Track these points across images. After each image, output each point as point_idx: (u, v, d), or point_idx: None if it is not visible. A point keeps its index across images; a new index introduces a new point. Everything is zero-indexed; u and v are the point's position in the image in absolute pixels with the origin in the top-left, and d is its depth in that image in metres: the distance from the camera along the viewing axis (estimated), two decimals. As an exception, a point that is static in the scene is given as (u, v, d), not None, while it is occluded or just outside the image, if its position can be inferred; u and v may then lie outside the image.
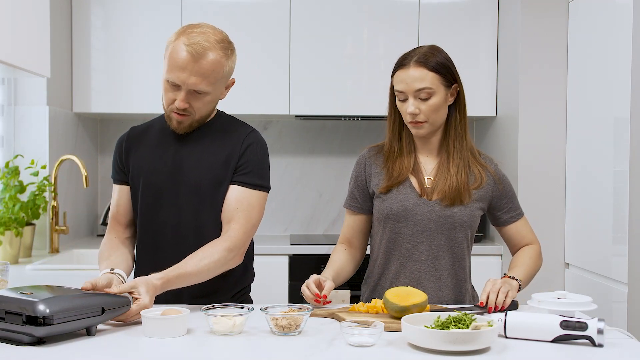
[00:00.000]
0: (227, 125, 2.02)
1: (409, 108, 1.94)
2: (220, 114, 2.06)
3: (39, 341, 1.48)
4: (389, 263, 2.02)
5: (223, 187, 1.93)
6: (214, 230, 1.93)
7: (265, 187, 1.96)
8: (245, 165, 1.93)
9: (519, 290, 1.91)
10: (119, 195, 2.05)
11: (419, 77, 1.92)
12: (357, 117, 3.52)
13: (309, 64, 3.44)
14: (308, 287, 1.87)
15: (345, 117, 3.52)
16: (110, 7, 3.40)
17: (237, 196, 1.91)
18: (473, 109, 3.46)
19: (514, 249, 2.12)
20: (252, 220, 1.92)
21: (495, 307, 1.80)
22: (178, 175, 1.95)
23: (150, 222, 1.98)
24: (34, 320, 1.44)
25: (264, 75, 3.42)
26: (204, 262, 1.82)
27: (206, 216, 1.94)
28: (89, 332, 1.56)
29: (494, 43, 3.46)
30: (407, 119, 1.97)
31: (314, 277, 1.90)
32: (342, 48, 3.46)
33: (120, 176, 2.04)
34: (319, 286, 1.88)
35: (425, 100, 1.93)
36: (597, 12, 2.86)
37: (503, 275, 1.98)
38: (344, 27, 3.45)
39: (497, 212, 2.07)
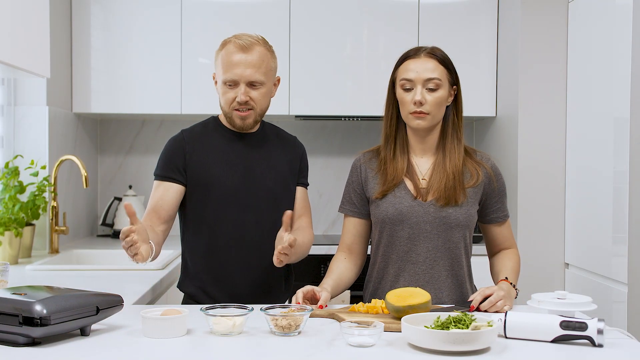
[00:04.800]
0: (276, 132, 2.22)
1: (416, 96, 1.93)
2: (262, 121, 2.21)
3: (34, 342, 1.48)
4: (388, 267, 2.02)
5: (290, 189, 2.17)
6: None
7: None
8: (304, 169, 2.23)
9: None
10: (165, 192, 2.06)
11: (430, 67, 1.94)
12: (357, 117, 3.52)
13: (308, 65, 3.44)
14: (296, 297, 1.85)
15: (345, 117, 3.52)
16: (110, 7, 3.40)
17: (302, 195, 2.21)
18: (473, 109, 3.49)
19: (493, 249, 2.13)
20: (310, 212, 2.24)
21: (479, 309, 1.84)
22: (252, 178, 2.09)
23: (224, 221, 2.07)
24: (30, 321, 1.44)
25: (264, 75, 3.42)
26: (306, 239, 2.11)
27: (280, 215, 2.08)
28: (83, 332, 1.56)
29: (494, 43, 3.46)
30: (409, 109, 1.95)
31: (306, 289, 1.87)
32: (342, 48, 3.46)
33: (175, 175, 2.07)
34: (314, 298, 1.87)
35: (432, 91, 1.94)
36: (597, 12, 2.86)
37: (505, 278, 1.98)
38: (343, 27, 3.45)
39: (485, 209, 2.06)
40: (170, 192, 2.06)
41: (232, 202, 2.07)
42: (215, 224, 2.08)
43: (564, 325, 1.55)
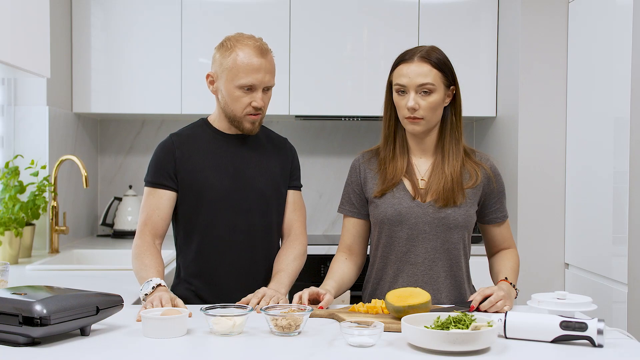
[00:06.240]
0: (266, 134, 2.19)
1: (409, 102, 1.92)
2: None
3: (33, 342, 1.48)
4: (386, 267, 2.01)
5: (282, 191, 2.15)
6: (277, 230, 2.14)
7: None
8: (295, 171, 2.20)
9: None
10: (159, 202, 2.04)
11: (423, 72, 1.92)
12: (357, 117, 3.52)
13: (308, 65, 3.44)
14: (301, 299, 1.85)
15: (345, 117, 3.52)
16: (110, 7, 3.40)
17: (294, 199, 2.18)
18: (473, 109, 3.50)
19: (492, 250, 2.13)
20: (305, 215, 2.21)
21: (479, 309, 1.84)
22: (242, 181, 2.07)
23: (216, 225, 2.05)
24: (30, 320, 1.44)
25: (264, 75, 3.41)
26: (297, 261, 2.07)
27: (271, 218, 2.11)
28: (83, 332, 1.56)
29: (494, 43, 3.46)
30: (404, 114, 1.95)
31: (311, 290, 1.87)
32: (342, 48, 3.46)
33: (166, 181, 2.04)
34: (316, 299, 1.87)
35: (425, 96, 1.93)
36: (597, 12, 2.86)
37: (504, 278, 1.98)
38: (343, 28, 3.45)
39: (484, 210, 2.06)
40: (164, 201, 2.04)
41: (224, 205, 2.05)
42: (206, 228, 2.06)
43: (564, 325, 1.55)
